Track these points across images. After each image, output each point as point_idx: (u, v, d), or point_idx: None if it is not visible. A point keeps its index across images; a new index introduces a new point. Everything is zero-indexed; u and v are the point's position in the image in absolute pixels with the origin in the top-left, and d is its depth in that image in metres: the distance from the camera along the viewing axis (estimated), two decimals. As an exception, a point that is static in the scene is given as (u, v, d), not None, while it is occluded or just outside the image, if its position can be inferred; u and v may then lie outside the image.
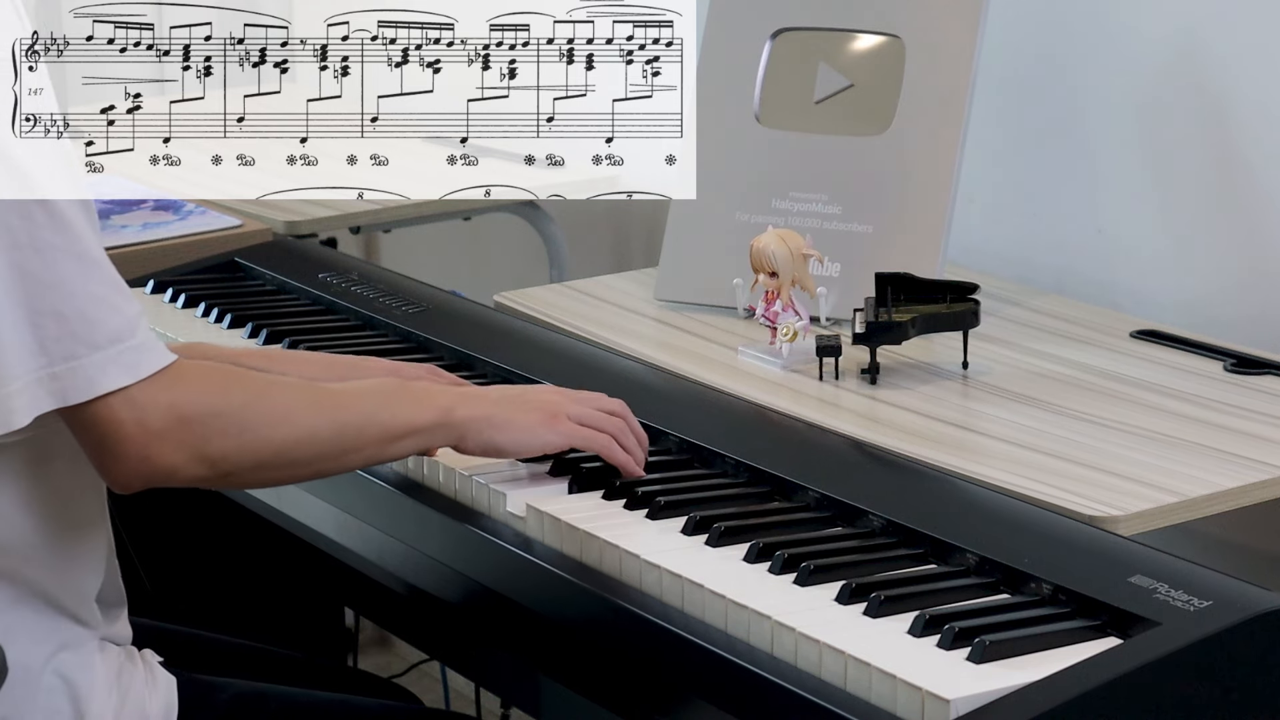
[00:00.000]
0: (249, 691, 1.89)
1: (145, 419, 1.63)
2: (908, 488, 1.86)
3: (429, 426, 1.80)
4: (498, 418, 1.83)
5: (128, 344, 1.63)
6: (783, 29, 2.48)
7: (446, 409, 1.81)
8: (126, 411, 1.63)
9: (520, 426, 1.84)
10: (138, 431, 1.63)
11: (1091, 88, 2.53)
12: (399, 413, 1.79)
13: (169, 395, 1.65)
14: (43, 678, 1.74)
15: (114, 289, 1.64)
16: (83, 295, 1.62)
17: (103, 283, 1.64)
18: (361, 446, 1.77)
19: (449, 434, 1.81)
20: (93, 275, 1.63)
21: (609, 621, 1.72)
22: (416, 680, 3.04)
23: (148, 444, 1.64)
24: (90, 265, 1.63)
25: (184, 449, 1.65)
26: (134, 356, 1.63)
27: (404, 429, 1.79)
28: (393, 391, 1.83)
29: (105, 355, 1.62)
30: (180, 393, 1.66)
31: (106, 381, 1.62)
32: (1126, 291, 2.51)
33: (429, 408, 1.81)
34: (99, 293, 1.63)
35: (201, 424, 1.66)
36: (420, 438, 1.80)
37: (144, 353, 1.64)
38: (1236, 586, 1.59)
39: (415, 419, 1.79)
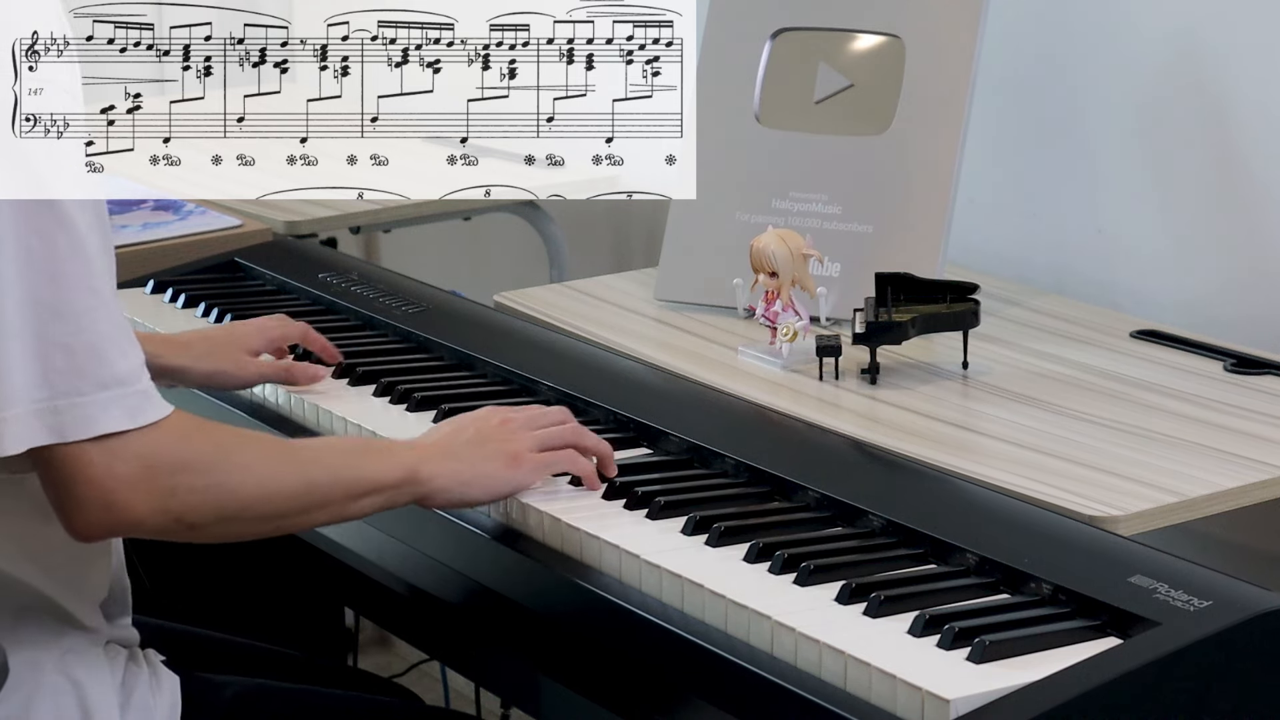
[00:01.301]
0: (251, 689, 1.90)
1: (115, 467, 1.60)
2: (908, 488, 1.86)
3: (394, 484, 1.77)
4: (463, 474, 1.81)
5: (133, 388, 1.60)
6: (783, 29, 2.48)
7: (412, 467, 1.78)
8: (99, 456, 1.60)
9: (486, 479, 1.82)
10: (105, 478, 1.60)
11: (1091, 88, 2.53)
12: (365, 470, 1.76)
13: (140, 445, 1.61)
14: (50, 679, 1.74)
15: (123, 332, 1.62)
16: (93, 332, 1.59)
17: (114, 324, 1.61)
18: (327, 503, 1.74)
19: (415, 492, 1.79)
20: (107, 314, 1.60)
21: (609, 621, 1.72)
22: (416, 680, 3.04)
23: (114, 491, 1.60)
24: (105, 303, 1.60)
25: (149, 500, 1.62)
26: (137, 401, 1.61)
27: (369, 486, 1.76)
28: (359, 448, 1.81)
29: (110, 395, 1.59)
30: (153, 443, 1.62)
31: (106, 422, 1.59)
32: (1126, 291, 2.51)
33: (395, 466, 1.78)
34: (109, 332, 1.60)
35: (169, 476, 1.63)
36: (385, 495, 1.77)
37: (145, 399, 1.61)
38: (1236, 586, 1.59)
39: (381, 476, 1.77)
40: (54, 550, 1.73)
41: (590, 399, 2.07)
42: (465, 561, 1.88)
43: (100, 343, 1.59)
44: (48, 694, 1.74)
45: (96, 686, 1.75)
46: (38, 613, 1.74)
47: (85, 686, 1.75)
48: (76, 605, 1.76)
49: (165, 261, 2.67)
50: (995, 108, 2.59)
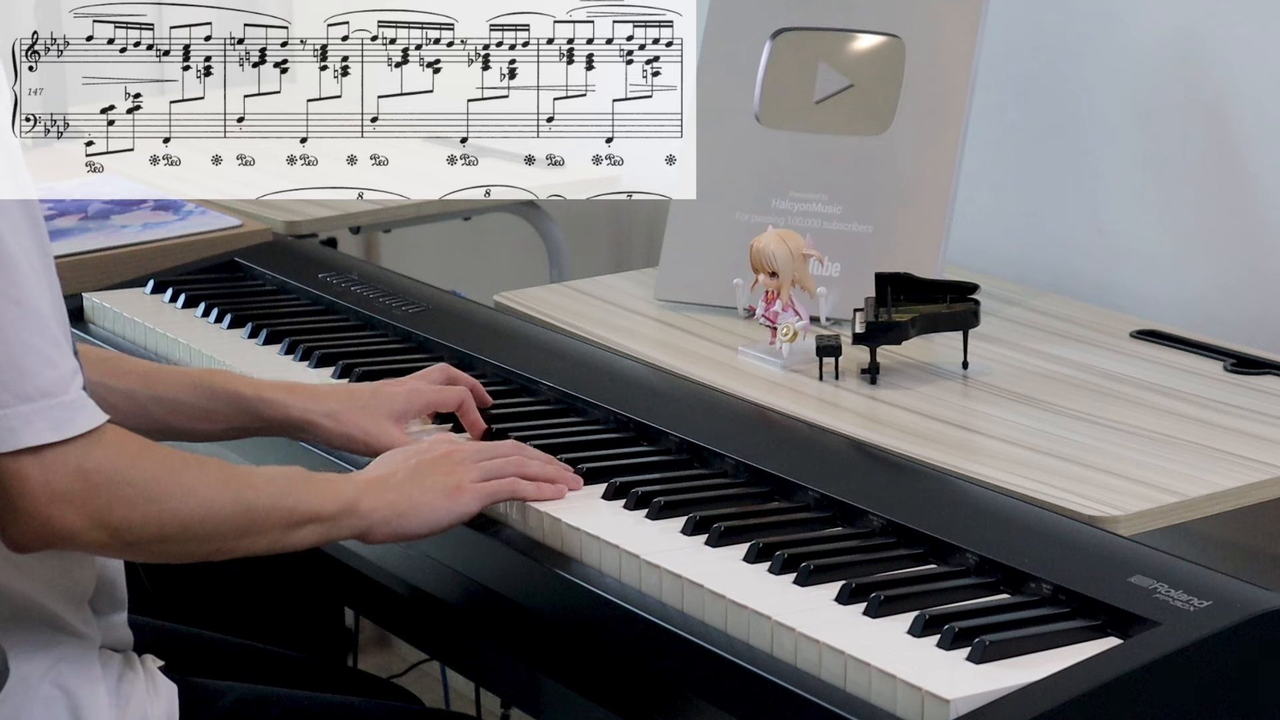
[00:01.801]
0: (250, 696, 1.89)
1: (51, 480, 1.58)
2: (908, 488, 1.86)
3: (333, 516, 1.76)
4: (401, 504, 1.79)
5: (59, 399, 1.58)
6: (783, 29, 2.48)
7: (352, 500, 1.77)
8: (34, 470, 1.58)
9: (427, 510, 1.80)
10: (41, 491, 1.58)
11: (1091, 88, 2.53)
12: (304, 499, 1.74)
13: (78, 458, 1.59)
14: (41, 689, 1.73)
15: (50, 342, 1.59)
16: (16, 343, 1.56)
17: (40, 334, 1.58)
18: (264, 530, 1.72)
19: (354, 525, 1.77)
20: (29, 324, 1.57)
21: (609, 622, 1.72)
22: (416, 680, 3.04)
23: (50, 504, 1.59)
24: (28, 313, 1.57)
25: (86, 514, 1.60)
26: (63, 413, 1.58)
27: (307, 516, 1.74)
28: (300, 478, 1.79)
29: (33, 408, 1.57)
30: (91, 456, 1.60)
31: (29, 435, 1.57)
32: (1126, 291, 2.51)
33: (334, 497, 1.76)
34: (34, 343, 1.57)
35: (108, 491, 1.61)
36: (324, 526, 1.76)
37: (74, 411, 1.59)
38: (1236, 586, 1.59)
39: (320, 507, 1.75)
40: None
41: (590, 399, 2.07)
42: (465, 561, 1.88)
43: (20, 355, 1.57)
44: (38, 704, 1.73)
45: (89, 695, 1.75)
46: (25, 620, 1.73)
47: (77, 695, 1.74)
48: (62, 606, 1.75)
49: (165, 261, 2.66)
50: (995, 108, 2.59)
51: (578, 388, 2.10)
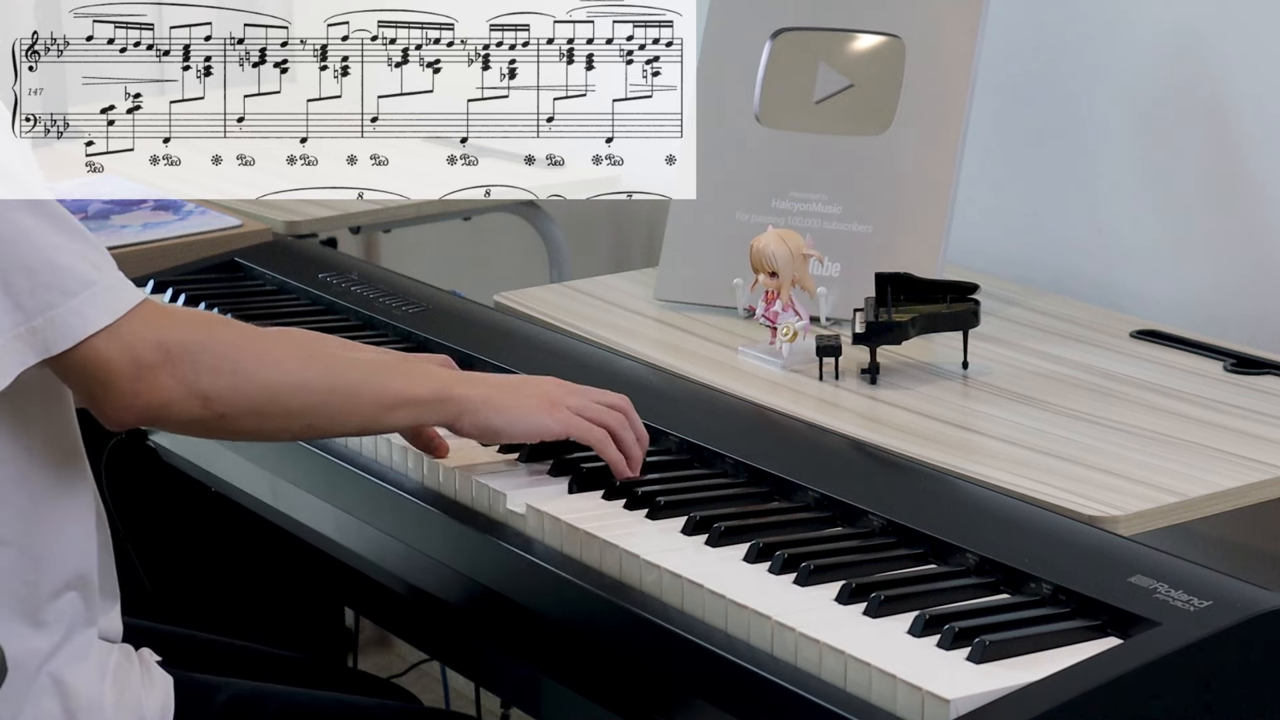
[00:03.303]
0: (247, 692, 1.89)
1: (135, 353, 1.65)
2: (908, 488, 1.86)
3: (426, 399, 1.80)
4: (495, 399, 1.82)
5: (100, 284, 1.64)
6: (783, 29, 2.48)
7: (445, 384, 1.81)
8: (115, 348, 1.64)
9: (518, 409, 1.83)
10: (128, 366, 1.65)
11: (1091, 88, 2.53)
12: (395, 382, 1.79)
13: (156, 331, 1.66)
14: (35, 678, 1.73)
15: (72, 234, 1.65)
16: (46, 245, 1.63)
17: (61, 230, 1.64)
18: (356, 409, 1.77)
19: (445, 410, 1.81)
20: (50, 225, 1.64)
21: (609, 621, 1.72)
22: (416, 680, 3.04)
23: (139, 377, 1.65)
24: (47, 215, 1.64)
25: (175, 382, 1.66)
26: (109, 296, 1.65)
27: (399, 398, 1.78)
28: (390, 362, 1.84)
29: (81, 300, 1.63)
30: (168, 329, 1.67)
31: (86, 325, 1.63)
32: (1126, 291, 2.51)
33: (427, 381, 1.81)
34: (60, 241, 1.64)
35: (192, 359, 1.67)
36: (416, 410, 1.80)
37: (118, 290, 1.65)
38: (1236, 586, 1.59)
39: (412, 390, 1.79)
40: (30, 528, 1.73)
41: (590, 399, 2.07)
42: (465, 561, 1.88)
43: (56, 254, 1.63)
44: (32, 693, 1.73)
45: (83, 685, 1.75)
46: (20, 606, 1.73)
47: (71, 686, 1.74)
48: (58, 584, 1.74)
49: (165, 261, 2.67)
50: (995, 108, 2.59)
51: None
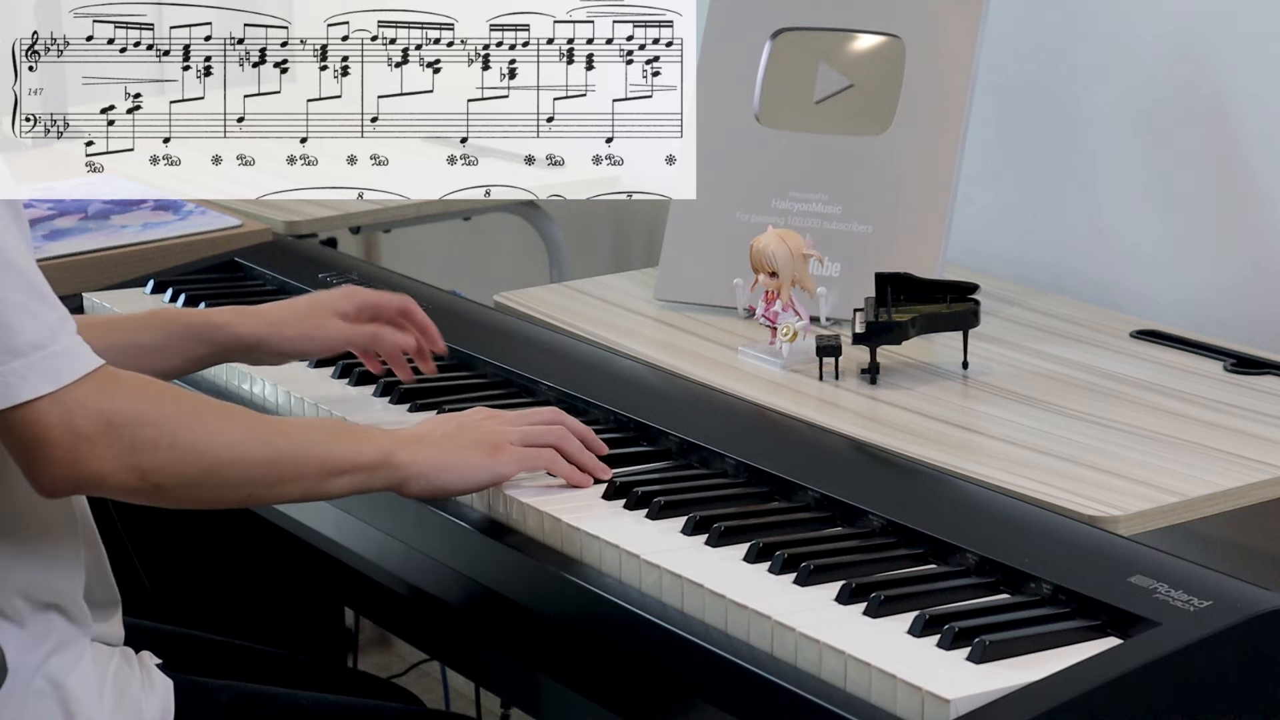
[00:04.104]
0: (247, 694, 1.89)
1: (74, 422, 1.61)
2: (908, 488, 1.87)
3: (370, 465, 1.77)
4: (440, 460, 1.80)
5: (50, 349, 1.61)
6: (783, 29, 2.48)
7: (388, 451, 1.78)
8: (55, 415, 1.61)
9: (465, 466, 1.81)
10: (66, 435, 1.61)
11: (1091, 88, 2.53)
12: (339, 448, 1.76)
13: (99, 401, 1.63)
14: (32, 683, 1.73)
15: (33, 295, 1.62)
16: (2, 300, 1.60)
17: (21, 289, 1.61)
18: (298, 477, 1.74)
19: (390, 476, 1.78)
20: (10, 280, 1.60)
21: (609, 621, 1.72)
22: (416, 680, 3.04)
23: (76, 447, 1.62)
24: (7, 270, 1.60)
25: (113, 455, 1.63)
26: (55, 363, 1.61)
27: (343, 464, 1.76)
28: (334, 427, 1.81)
29: (26, 362, 1.60)
30: (111, 399, 1.63)
31: (26, 389, 1.60)
32: (1126, 291, 2.51)
33: (371, 447, 1.78)
34: (16, 299, 1.60)
35: (131, 431, 1.64)
36: (360, 476, 1.77)
37: (68, 358, 1.62)
38: (1236, 586, 1.59)
39: (356, 456, 1.76)
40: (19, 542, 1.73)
41: (590, 399, 2.07)
42: (465, 561, 1.88)
43: (6, 312, 1.60)
44: (30, 698, 1.73)
45: (82, 689, 1.75)
46: (16, 611, 1.73)
47: (69, 690, 1.74)
48: (55, 598, 1.74)
49: (165, 261, 2.67)
50: (995, 108, 2.59)
51: (578, 388, 2.10)
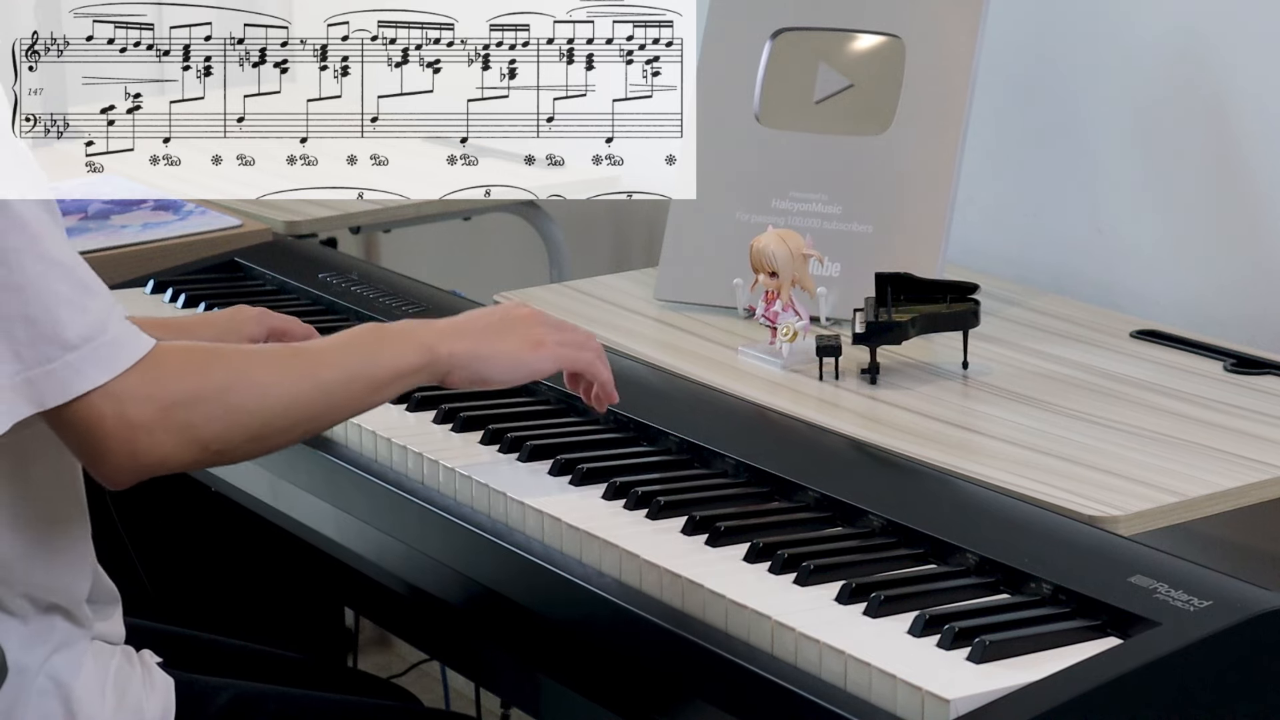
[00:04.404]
0: (248, 693, 1.89)
1: (127, 412, 1.61)
2: (908, 488, 1.86)
3: (415, 368, 1.79)
4: (483, 350, 1.82)
5: (101, 340, 1.61)
6: (783, 29, 2.48)
7: (430, 347, 1.80)
8: (108, 407, 1.61)
9: (506, 357, 1.83)
10: (121, 426, 1.61)
11: (1091, 87, 2.53)
12: (382, 360, 1.77)
13: (148, 386, 1.62)
14: (35, 681, 1.73)
15: (80, 287, 1.62)
16: (50, 296, 1.60)
17: (67, 281, 1.61)
18: (348, 401, 1.76)
19: (435, 371, 1.80)
20: (57, 275, 1.60)
21: (609, 621, 1.72)
22: (416, 680, 3.04)
23: (134, 438, 1.62)
24: (53, 265, 1.60)
25: (172, 437, 1.63)
26: (109, 351, 1.61)
27: (389, 375, 1.77)
28: (372, 340, 1.80)
29: (80, 355, 1.60)
30: (159, 382, 1.63)
31: (83, 381, 1.60)
32: (1126, 291, 2.51)
33: (412, 349, 1.79)
34: (65, 293, 1.61)
35: (186, 410, 1.64)
36: (408, 379, 1.79)
37: (119, 346, 1.62)
38: (1236, 586, 1.59)
39: (400, 363, 1.78)
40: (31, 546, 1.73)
41: (590, 399, 2.07)
42: (465, 561, 1.88)
43: (55, 306, 1.60)
44: (33, 697, 1.73)
45: (84, 688, 1.75)
46: (21, 611, 1.73)
47: (71, 688, 1.74)
48: (60, 600, 1.75)
49: (165, 261, 2.67)
50: (995, 108, 2.59)
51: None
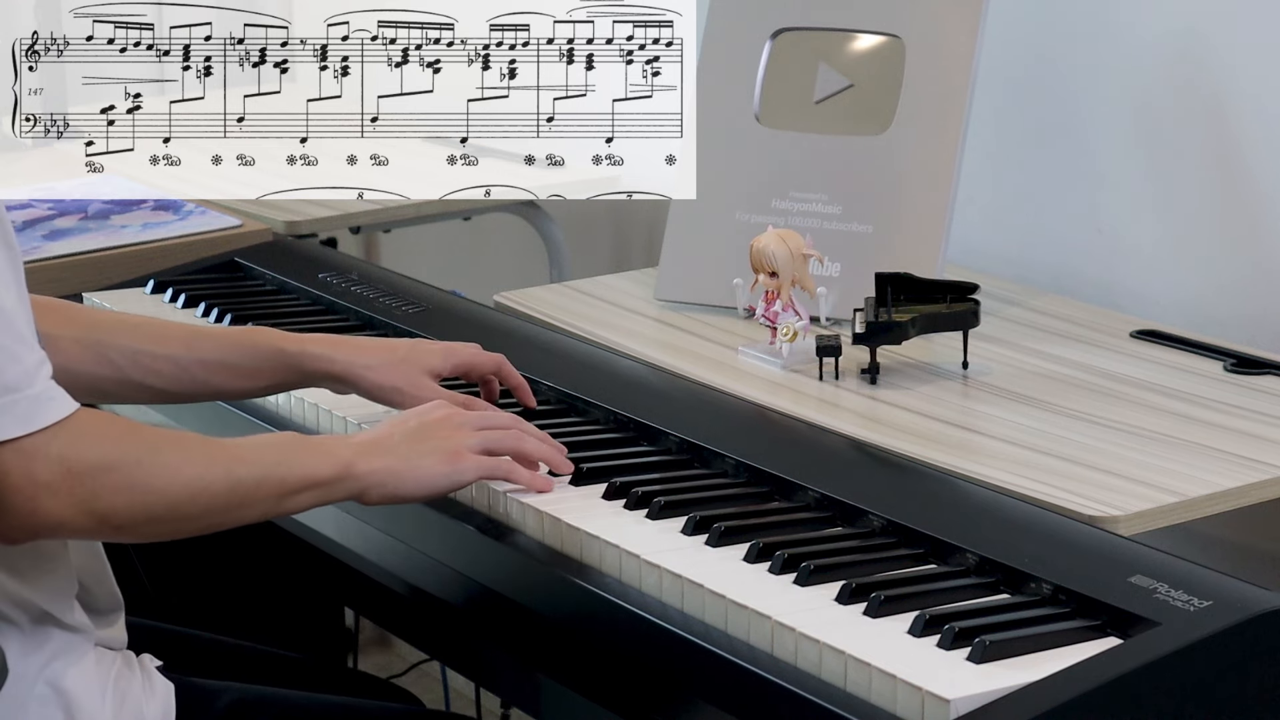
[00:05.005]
0: (247, 696, 1.89)
1: (34, 470, 1.58)
2: (908, 488, 1.86)
3: (328, 480, 1.75)
4: (399, 469, 1.78)
5: (24, 394, 1.57)
6: (783, 29, 2.48)
7: (347, 462, 1.76)
8: (14, 462, 1.57)
9: (424, 474, 1.79)
10: (25, 483, 1.58)
11: (1091, 87, 2.53)
12: (296, 466, 1.74)
13: (59, 447, 1.59)
14: (35, 688, 1.73)
15: (14, 338, 1.58)
16: None
17: (4, 330, 1.57)
18: (257, 500, 1.72)
19: (350, 487, 1.77)
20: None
21: (609, 621, 1.72)
22: (416, 680, 3.04)
23: (35, 496, 1.58)
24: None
25: (72, 503, 1.60)
26: (30, 407, 1.58)
27: (300, 482, 1.74)
28: (291, 445, 1.78)
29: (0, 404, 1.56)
30: (72, 445, 1.60)
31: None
32: (1126, 291, 2.51)
33: (328, 461, 1.76)
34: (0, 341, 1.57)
35: (92, 478, 1.61)
36: (319, 491, 1.75)
37: (40, 404, 1.58)
38: (1236, 586, 1.59)
39: (313, 472, 1.74)
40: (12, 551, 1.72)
41: (590, 399, 2.07)
42: (465, 561, 1.88)
43: None
44: (32, 702, 1.73)
45: (83, 694, 1.74)
46: (16, 618, 1.73)
47: (71, 694, 1.74)
48: (50, 602, 1.74)
49: (165, 261, 2.67)
50: (995, 108, 2.59)
51: (578, 388, 2.10)
